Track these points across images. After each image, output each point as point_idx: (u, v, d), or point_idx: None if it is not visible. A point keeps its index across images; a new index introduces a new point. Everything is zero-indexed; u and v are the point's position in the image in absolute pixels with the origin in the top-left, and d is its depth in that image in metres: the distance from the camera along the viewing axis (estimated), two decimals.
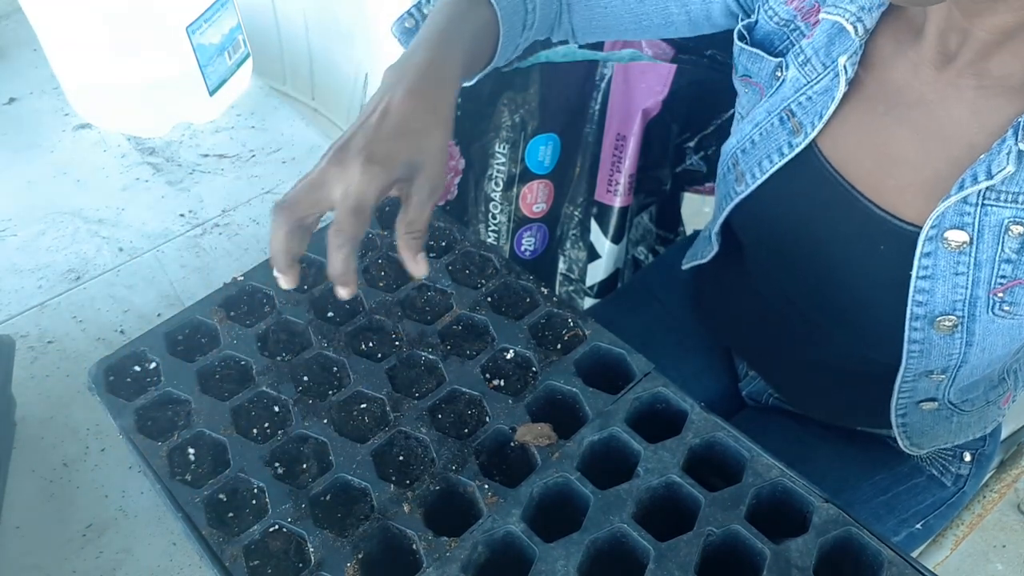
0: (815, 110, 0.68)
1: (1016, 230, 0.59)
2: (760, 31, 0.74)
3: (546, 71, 1.07)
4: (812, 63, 0.68)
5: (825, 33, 0.67)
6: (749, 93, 0.77)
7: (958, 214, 0.60)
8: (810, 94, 0.68)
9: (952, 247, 0.61)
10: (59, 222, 0.88)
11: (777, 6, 0.71)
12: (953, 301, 0.64)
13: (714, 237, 0.83)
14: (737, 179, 0.76)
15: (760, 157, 0.72)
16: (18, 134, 0.98)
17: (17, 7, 0.90)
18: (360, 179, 0.53)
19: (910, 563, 0.50)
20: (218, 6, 0.92)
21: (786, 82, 0.70)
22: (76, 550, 0.63)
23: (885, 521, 0.83)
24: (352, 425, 0.59)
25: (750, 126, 0.74)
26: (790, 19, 0.71)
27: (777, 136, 0.71)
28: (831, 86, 0.67)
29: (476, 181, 1.15)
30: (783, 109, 0.70)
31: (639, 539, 0.51)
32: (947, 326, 0.65)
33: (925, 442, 0.80)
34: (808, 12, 0.69)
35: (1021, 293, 0.61)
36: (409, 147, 0.56)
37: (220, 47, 0.95)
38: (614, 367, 0.62)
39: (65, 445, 0.69)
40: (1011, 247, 0.60)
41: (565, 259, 1.25)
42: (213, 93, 0.97)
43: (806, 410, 0.89)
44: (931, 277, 0.63)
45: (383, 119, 0.56)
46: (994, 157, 0.58)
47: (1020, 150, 0.56)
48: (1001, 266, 0.61)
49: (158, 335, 0.63)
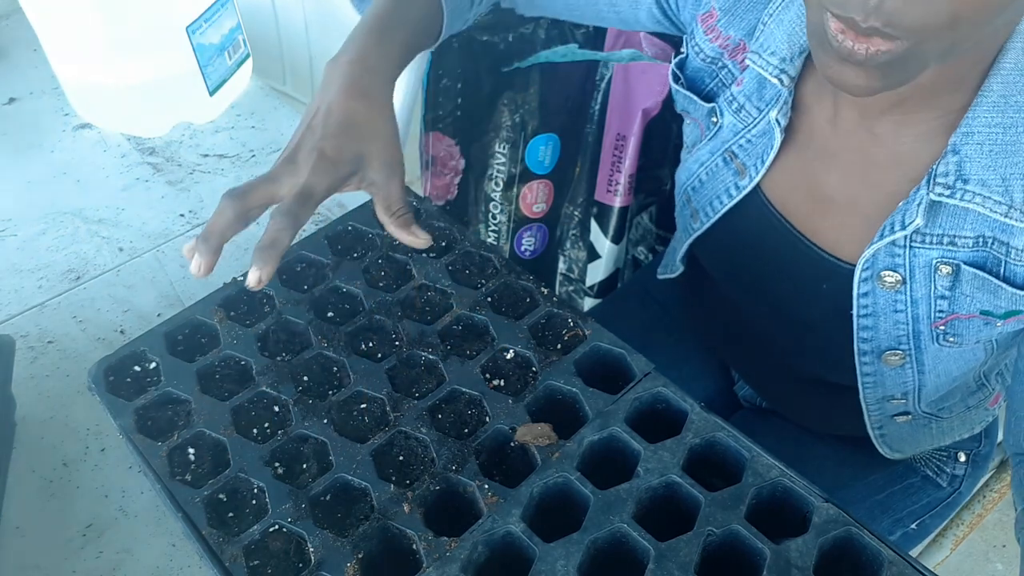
0: (756, 153, 0.69)
1: (945, 270, 0.60)
2: (690, 67, 0.74)
3: (546, 71, 1.07)
4: (746, 109, 0.68)
5: (754, 80, 0.67)
6: (691, 126, 0.78)
7: (889, 255, 0.61)
8: (749, 137, 0.69)
9: (887, 286, 0.62)
10: (59, 222, 0.88)
11: (703, 43, 0.71)
12: (897, 336, 0.65)
13: (679, 261, 0.85)
14: (692, 215, 0.77)
15: (710, 197, 0.74)
16: (18, 134, 0.98)
17: (17, 7, 0.90)
18: (310, 174, 0.56)
19: (910, 563, 0.50)
20: (218, 6, 0.92)
21: (723, 128, 0.71)
22: (76, 550, 0.63)
23: (880, 521, 0.83)
24: (352, 425, 0.59)
25: (696, 165, 0.75)
26: (716, 56, 0.71)
27: (723, 177, 0.72)
28: (768, 130, 0.67)
29: (476, 181, 1.15)
30: (725, 151, 0.71)
31: (639, 539, 0.51)
32: (895, 360, 0.67)
33: (907, 448, 0.80)
34: (734, 50, 0.69)
35: (961, 326, 0.62)
36: (355, 141, 0.58)
37: (220, 47, 0.95)
38: (614, 367, 0.62)
39: (65, 445, 0.69)
40: (943, 285, 0.60)
41: (565, 259, 1.25)
42: (213, 93, 0.97)
43: (790, 416, 0.89)
44: (872, 315, 0.65)
45: (327, 118, 0.58)
46: (909, 206, 0.58)
47: (931, 200, 0.57)
48: (937, 302, 0.62)
49: (158, 335, 0.63)
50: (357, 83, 0.60)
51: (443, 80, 1.04)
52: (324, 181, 0.57)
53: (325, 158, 0.57)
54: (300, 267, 0.70)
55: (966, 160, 0.55)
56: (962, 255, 0.59)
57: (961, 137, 0.56)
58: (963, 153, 0.56)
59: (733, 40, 0.69)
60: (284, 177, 0.57)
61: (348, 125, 0.58)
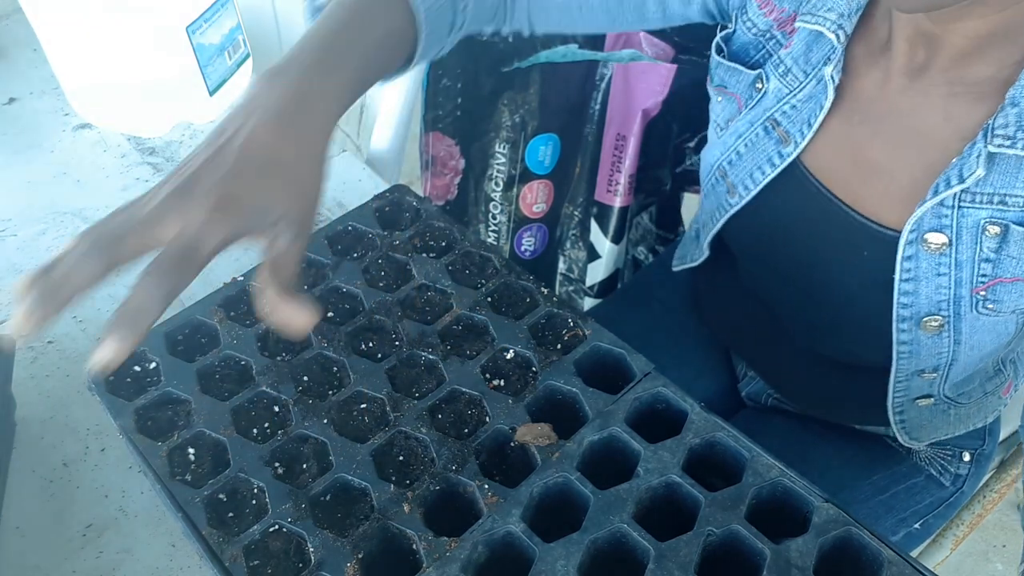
0: (801, 118, 0.68)
1: (993, 230, 0.59)
2: (737, 42, 0.74)
3: (546, 71, 1.07)
4: (793, 72, 0.68)
5: (803, 41, 0.67)
6: (724, 102, 0.77)
7: (936, 217, 0.61)
8: (794, 103, 0.68)
9: (932, 249, 0.62)
10: (59, 222, 0.88)
11: (756, 17, 0.71)
12: (938, 301, 0.64)
13: (706, 245, 0.83)
14: (729, 191, 0.76)
15: (750, 168, 0.72)
16: (18, 134, 0.98)
17: (17, 7, 0.90)
18: (202, 226, 0.43)
19: (910, 563, 0.50)
20: (218, 6, 0.92)
21: (768, 93, 0.70)
22: (76, 550, 0.63)
23: (883, 520, 0.83)
24: (352, 425, 0.59)
25: (733, 138, 0.74)
26: (767, 29, 0.70)
27: (764, 147, 0.71)
28: (814, 94, 0.67)
29: (476, 181, 1.15)
30: (767, 119, 0.70)
31: (639, 539, 0.51)
32: (934, 326, 0.66)
33: (924, 435, 0.80)
34: (784, 22, 0.69)
35: (1003, 291, 0.62)
36: (272, 189, 0.46)
37: (220, 47, 0.95)
38: (614, 367, 0.62)
39: (65, 445, 0.69)
40: (989, 247, 0.60)
41: (565, 259, 1.25)
42: (213, 93, 0.97)
43: (805, 408, 0.89)
44: (914, 279, 0.64)
45: (243, 151, 0.46)
46: (965, 160, 0.58)
47: (990, 152, 0.57)
48: (981, 265, 0.61)
49: (158, 335, 0.63)
50: (290, 116, 0.48)
51: (443, 80, 1.04)
52: (220, 233, 0.44)
53: (229, 203, 0.44)
54: (300, 267, 0.70)
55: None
56: (1012, 215, 0.58)
57: (1021, 90, 0.56)
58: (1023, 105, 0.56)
59: (787, 12, 0.69)
60: (170, 217, 0.43)
61: (268, 167, 0.46)
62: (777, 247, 0.75)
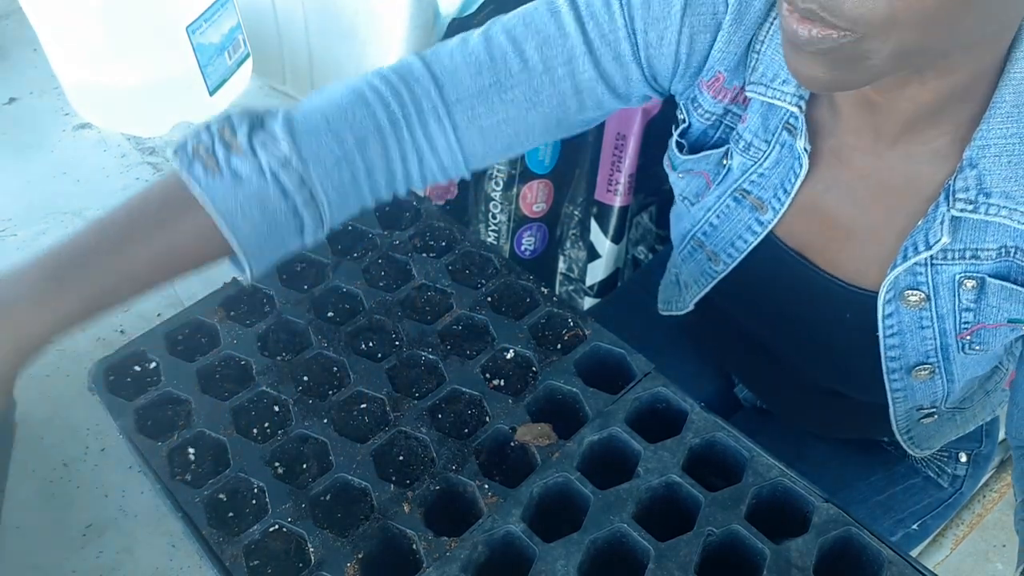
0: (772, 185, 0.67)
1: (969, 284, 0.59)
2: (696, 133, 0.72)
3: None
4: (755, 145, 0.66)
5: (757, 113, 0.65)
6: (689, 179, 0.75)
7: (911, 275, 0.61)
8: (761, 171, 0.67)
9: (912, 304, 0.62)
10: (59, 222, 0.88)
11: (709, 105, 0.68)
12: (925, 352, 0.65)
13: (692, 304, 0.82)
14: (711, 259, 0.75)
15: (730, 238, 0.72)
16: (18, 134, 0.98)
17: (17, 7, 0.90)
18: None
19: (910, 563, 0.50)
20: (218, 6, 0.92)
21: (732, 169, 0.69)
22: (76, 550, 0.63)
23: (881, 521, 0.83)
24: (352, 425, 0.59)
25: (703, 211, 0.73)
26: (723, 112, 0.68)
27: (739, 216, 0.70)
28: (780, 159, 0.65)
29: (476, 181, 1.15)
30: (735, 190, 0.69)
31: (639, 539, 0.51)
32: (924, 374, 0.67)
33: (934, 443, 0.81)
34: (736, 95, 0.67)
35: (987, 334, 0.62)
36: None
37: (220, 47, 0.95)
38: (614, 367, 0.62)
39: (65, 445, 0.69)
40: (968, 298, 0.60)
41: (565, 259, 1.25)
42: (213, 93, 0.97)
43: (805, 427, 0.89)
44: (898, 334, 0.65)
45: None
46: (931, 225, 0.58)
47: (953, 216, 0.57)
48: (963, 314, 0.61)
49: (158, 335, 0.63)
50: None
51: None
52: None
53: None
54: (300, 267, 0.70)
55: (985, 173, 0.55)
56: (986, 268, 0.58)
57: (977, 151, 0.55)
58: (981, 166, 0.55)
59: (736, 87, 0.66)
60: None
61: None
62: (763, 308, 0.76)
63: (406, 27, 0.97)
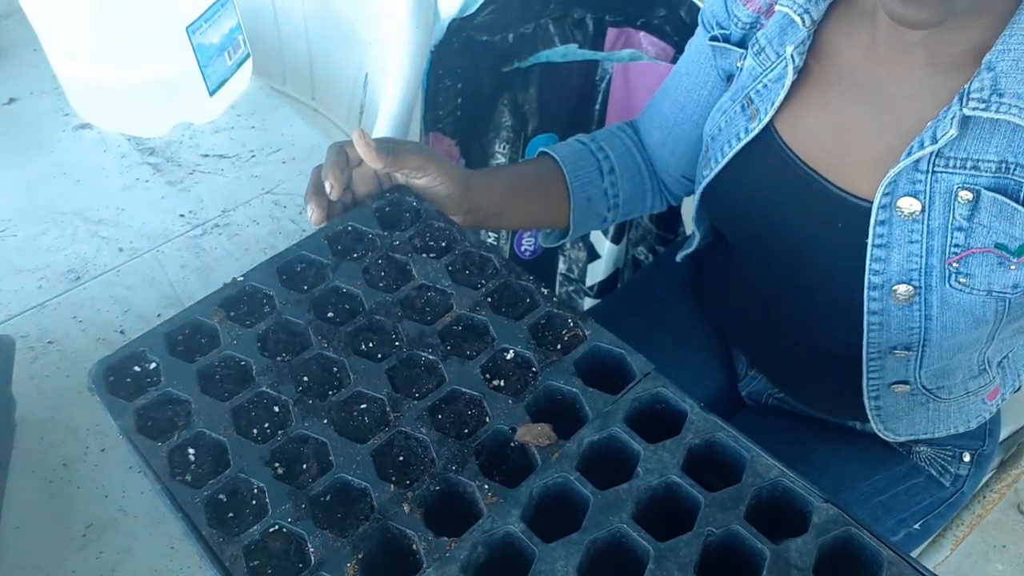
0: (769, 97, 0.72)
1: (965, 196, 0.61)
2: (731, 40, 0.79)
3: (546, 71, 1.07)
4: (766, 52, 0.72)
5: (777, 24, 0.71)
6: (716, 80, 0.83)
7: (910, 182, 0.63)
8: (765, 82, 0.72)
9: (905, 215, 0.64)
10: (59, 222, 0.88)
11: (741, 14, 0.76)
12: (909, 270, 0.66)
13: (694, 224, 0.87)
14: (705, 163, 0.80)
15: (722, 142, 0.76)
16: (18, 134, 0.98)
17: (17, 7, 0.90)
18: None
19: (910, 563, 0.50)
20: (218, 6, 0.92)
21: (744, 71, 0.75)
22: (76, 550, 0.63)
23: (883, 521, 0.83)
24: (352, 425, 0.59)
25: (718, 113, 0.78)
26: (752, 21, 0.75)
27: (738, 122, 0.75)
28: (783, 74, 0.70)
29: None
30: (743, 97, 0.75)
31: (639, 539, 0.51)
32: (904, 296, 0.67)
33: (901, 428, 0.80)
34: (768, 11, 0.74)
35: (975, 263, 0.63)
36: None
37: (220, 47, 0.95)
38: (614, 367, 0.62)
39: (65, 445, 0.69)
40: (961, 214, 0.62)
41: (565, 259, 1.25)
42: (213, 93, 0.97)
43: (793, 396, 0.90)
44: (886, 246, 0.66)
45: None
46: (940, 123, 0.60)
47: (964, 115, 0.59)
48: (953, 234, 0.63)
49: (158, 335, 0.63)
50: None
51: (443, 80, 1.04)
52: None
53: None
54: (300, 267, 0.70)
55: (1002, 76, 0.58)
56: (984, 180, 0.60)
57: (997, 55, 0.58)
58: (999, 70, 0.58)
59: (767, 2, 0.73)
60: None
61: None
62: (753, 219, 0.77)
63: (406, 28, 0.97)
